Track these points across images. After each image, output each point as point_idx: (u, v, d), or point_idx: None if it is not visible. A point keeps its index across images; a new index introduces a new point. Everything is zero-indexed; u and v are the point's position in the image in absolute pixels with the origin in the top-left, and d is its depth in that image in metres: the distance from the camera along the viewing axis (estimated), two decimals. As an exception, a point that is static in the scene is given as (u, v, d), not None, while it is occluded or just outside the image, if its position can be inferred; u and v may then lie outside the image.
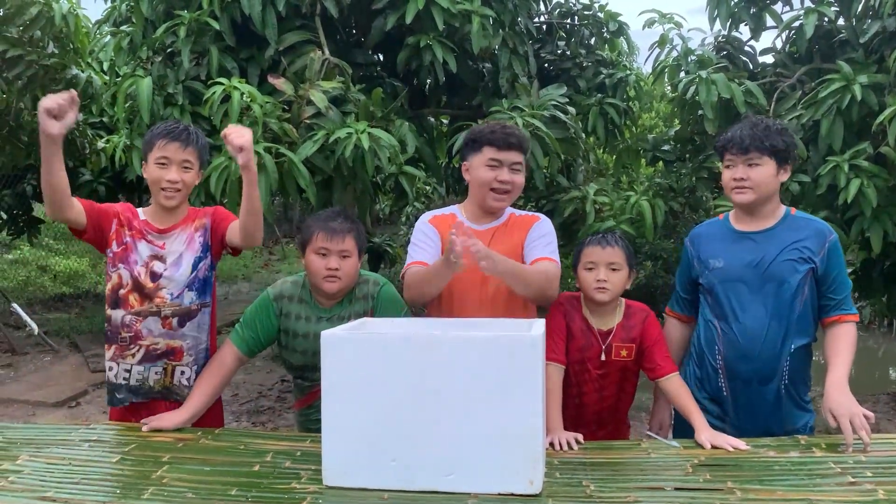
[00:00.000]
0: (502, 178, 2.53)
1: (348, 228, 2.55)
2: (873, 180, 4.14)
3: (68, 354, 7.28)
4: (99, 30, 5.51)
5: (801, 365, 2.54)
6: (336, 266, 2.51)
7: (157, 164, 2.51)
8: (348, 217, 2.63)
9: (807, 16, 4.71)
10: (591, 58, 5.58)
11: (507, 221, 2.62)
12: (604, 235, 2.63)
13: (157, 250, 2.57)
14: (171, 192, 2.52)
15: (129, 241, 2.57)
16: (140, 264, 2.56)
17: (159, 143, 2.51)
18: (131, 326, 2.56)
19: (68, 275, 11.36)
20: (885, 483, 1.88)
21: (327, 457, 1.95)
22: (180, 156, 2.51)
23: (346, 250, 2.52)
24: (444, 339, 1.91)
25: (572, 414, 2.59)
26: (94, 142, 6.46)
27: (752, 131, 2.50)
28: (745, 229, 2.57)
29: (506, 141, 2.53)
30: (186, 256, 2.58)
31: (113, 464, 2.13)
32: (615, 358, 2.57)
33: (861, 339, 9.90)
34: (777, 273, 2.47)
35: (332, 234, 2.52)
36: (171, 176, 2.50)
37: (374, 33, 4.65)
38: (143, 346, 2.58)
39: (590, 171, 6.08)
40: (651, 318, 2.61)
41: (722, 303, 2.54)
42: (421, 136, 4.82)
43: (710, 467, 2.05)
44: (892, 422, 5.54)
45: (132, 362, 2.59)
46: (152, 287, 2.55)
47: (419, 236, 2.61)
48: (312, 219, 2.65)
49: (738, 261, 2.53)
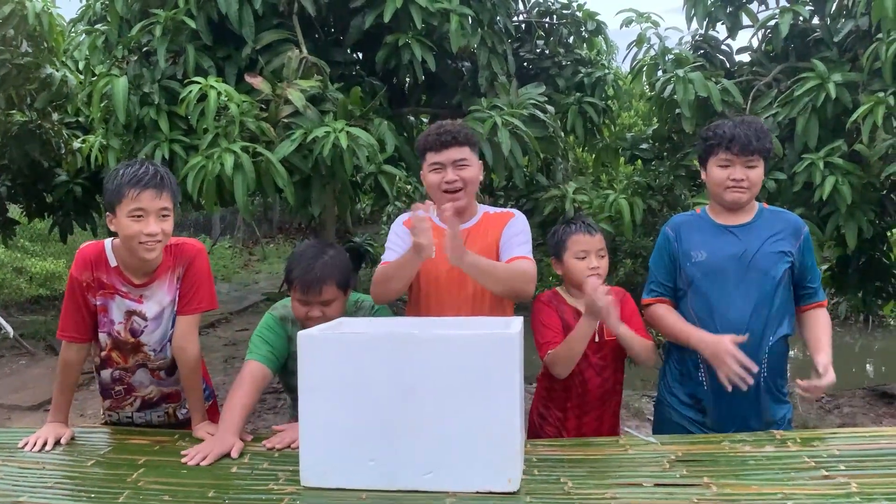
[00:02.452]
0: (448, 179, 2.49)
1: (327, 276, 2.40)
2: (848, 177, 4.19)
3: (44, 357, 7.19)
4: (73, 28, 5.44)
5: (780, 357, 2.58)
6: (319, 314, 2.41)
7: (132, 217, 2.21)
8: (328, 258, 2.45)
9: (782, 15, 4.76)
10: (570, 57, 5.59)
11: (481, 221, 2.60)
12: (584, 222, 2.66)
13: (135, 305, 2.38)
14: (152, 245, 2.25)
15: (100, 303, 2.37)
16: (117, 323, 2.39)
17: (130, 192, 2.20)
18: (122, 380, 2.49)
19: (45, 277, 11.21)
20: (858, 476, 1.91)
21: (305, 457, 1.94)
22: (157, 204, 2.22)
23: (326, 301, 2.42)
24: (422, 338, 1.91)
25: (578, 398, 2.66)
26: (69, 142, 6.39)
27: (753, 132, 2.51)
28: (726, 223, 2.60)
29: (439, 141, 2.49)
30: (167, 312, 2.42)
31: (87, 467, 2.11)
32: (607, 338, 2.62)
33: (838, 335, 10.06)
34: (761, 264, 2.51)
35: (308, 288, 2.39)
36: (151, 229, 2.22)
37: (353, 32, 4.63)
38: (139, 397, 2.53)
39: (569, 169, 6.10)
40: (627, 297, 2.69)
41: (702, 296, 2.56)
42: (401, 136, 4.80)
43: (686, 463, 2.06)
44: (867, 416, 5.61)
45: (131, 411, 2.55)
46: (134, 342, 2.43)
47: (392, 238, 2.60)
48: (293, 259, 2.50)
49: (721, 253, 2.55)
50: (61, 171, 6.79)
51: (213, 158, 3.71)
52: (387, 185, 4.32)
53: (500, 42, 4.99)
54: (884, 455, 2.05)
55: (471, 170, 2.53)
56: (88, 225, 7.29)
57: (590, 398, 2.66)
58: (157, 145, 4.09)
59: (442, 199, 2.49)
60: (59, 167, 6.75)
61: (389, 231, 2.65)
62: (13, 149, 6.35)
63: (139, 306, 2.39)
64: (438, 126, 2.55)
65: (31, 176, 6.97)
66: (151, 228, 2.22)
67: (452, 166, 2.50)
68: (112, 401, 2.53)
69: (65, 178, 6.79)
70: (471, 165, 2.53)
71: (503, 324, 2.14)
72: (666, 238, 2.70)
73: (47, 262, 11.85)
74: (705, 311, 2.55)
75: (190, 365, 2.43)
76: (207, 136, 3.84)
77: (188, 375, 2.45)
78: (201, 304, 2.43)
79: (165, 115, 4.14)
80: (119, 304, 2.38)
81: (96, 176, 6.33)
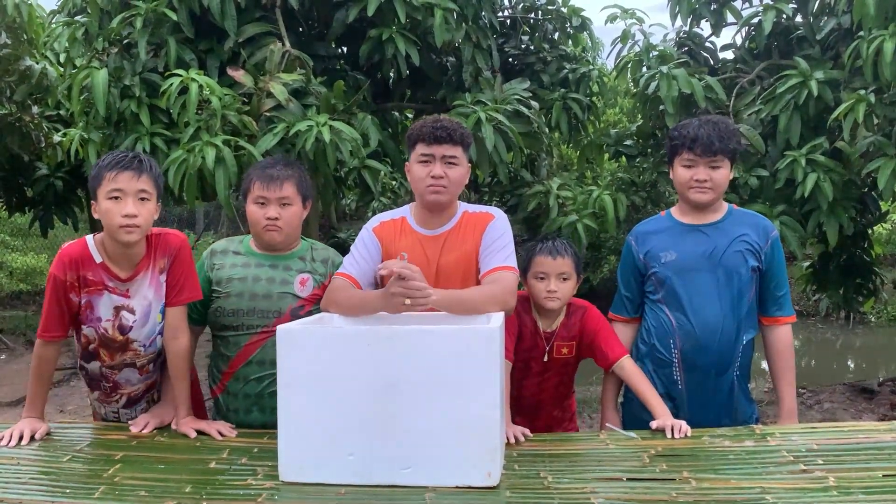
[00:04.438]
0: (434, 173, 2.39)
1: (288, 175, 2.46)
2: (829, 174, 4.22)
3: (24, 353, 7.13)
4: (53, 20, 5.37)
5: (749, 357, 2.63)
6: (275, 215, 2.43)
7: (110, 198, 2.20)
8: (289, 164, 2.54)
9: (765, 12, 4.78)
10: (555, 53, 5.58)
11: (460, 223, 2.48)
12: (553, 244, 2.60)
13: (123, 300, 2.34)
14: (131, 228, 2.21)
15: (87, 301, 2.33)
16: (105, 320, 2.35)
17: (108, 175, 2.20)
18: (108, 377, 2.46)
19: (25, 272, 11.10)
20: (836, 470, 1.92)
21: (284, 452, 1.92)
22: (135, 185, 2.21)
23: (285, 197, 2.45)
24: (402, 332, 1.90)
25: (511, 405, 2.58)
26: (49, 135, 6.30)
27: (717, 132, 2.50)
28: (694, 222, 2.60)
29: (434, 135, 2.39)
30: (154, 306, 2.39)
31: (63, 462, 2.09)
32: (556, 356, 2.63)
33: (819, 331, 10.14)
34: (729, 263, 2.52)
35: (269, 182, 2.43)
36: (128, 209, 2.19)
37: (336, 26, 4.60)
38: (125, 394, 2.50)
39: (554, 165, 6.11)
40: (589, 312, 2.65)
41: (676, 294, 2.56)
42: (385, 130, 4.79)
43: (666, 457, 2.07)
44: (847, 411, 5.67)
45: (118, 406, 2.53)
46: (122, 339, 2.39)
47: (359, 245, 2.49)
48: (252, 167, 2.56)
49: (691, 251, 2.56)
50: (42, 165, 6.71)
51: (195, 152, 3.68)
52: (371, 180, 4.31)
53: (485, 37, 4.97)
54: (861, 449, 2.07)
55: (458, 170, 2.43)
56: (69, 219, 7.21)
57: (522, 406, 2.65)
58: (138, 138, 4.05)
59: (424, 192, 2.42)
60: (39, 161, 6.66)
61: (360, 233, 2.54)
62: (-8, 140, 6.26)
63: (127, 300, 2.35)
64: (435, 119, 2.47)
65: (10, 170, 6.87)
66: (129, 209, 2.20)
67: (441, 161, 2.40)
68: (100, 393, 2.52)
69: (45, 172, 6.71)
70: (459, 165, 2.43)
71: (483, 318, 2.13)
72: (629, 248, 2.71)
73: (28, 256, 11.74)
74: (680, 309, 2.56)
75: (181, 355, 2.42)
76: (189, 130, 3.81)
77: (178, 366, 2.42)
78: (189, 295, 2.44)
79: (146, 108, 4.10)
80: (107, 300, 2.34)
81: (77, 170, 6.27)
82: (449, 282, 2.36)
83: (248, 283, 2.49)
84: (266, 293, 2.48)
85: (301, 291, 2.50)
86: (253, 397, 2.49)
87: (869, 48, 3.99)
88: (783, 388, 2.60)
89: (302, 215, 2.53)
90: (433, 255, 2.42)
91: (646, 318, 2.69)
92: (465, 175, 2.49)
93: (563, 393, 2.77)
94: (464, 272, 2.39)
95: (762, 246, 2.54)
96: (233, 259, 2.55)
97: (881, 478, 1.87)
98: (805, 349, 9.13)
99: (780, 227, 4.17)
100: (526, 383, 2.65)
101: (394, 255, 2.42)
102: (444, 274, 2.39)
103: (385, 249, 2.46)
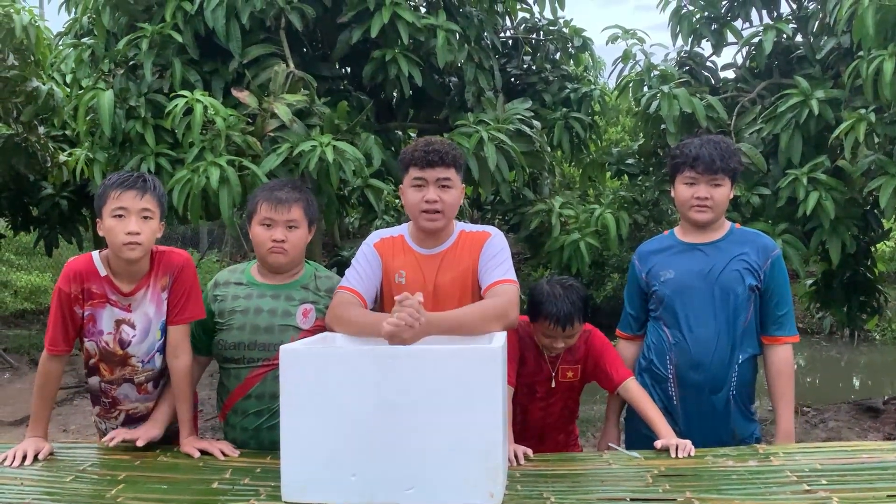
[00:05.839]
0: (429, 198, 2.37)
1: (295, 198, 2.46)
2: (831, 193, 4.23)
3: (28, 372, 7.13)
4: (60, 42, 5.43)
5: (748, 376, 2.62)
6: (282, 237, 2.42)
7: (114, 216, 2.26)
8: (296, 187, 2.54)
9: (766, 32, 4.81)
10: (557, 72, 5.62)
11: (457, 242, 2.47)
12: (567, 315, 2.49)
13: (124, 314, 2.39)
14: (133, 245, 2.27)
15: (90, 313, 2.37)
16: (106, 333, 2.39)
17: (113, 193, 2.27)
18: (108, 392, 2.49)
19: (30, 290, 11.12)
20: (840, 490, 1.91)
21: (286, 472, 1.92)
22: (138, 204, 2.27)
23: (292, 220, 2.44)
24: (404, 352, 1.91)
25: (517, 430, 2.60)
26: (55, 155, 6.35)
27: (718, 151, 2.52)
28: (694, 241, 2.62)
29: (426, 159, 2.37)
30: (155, 322, 2.42)
31: (67, 483, 2.09)
32: (562, 380, 2.63)
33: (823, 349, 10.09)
34: (726, 282, 2.54)
35: (277, 204, 2.43)
36: (131, 227, 2.25)
37: (340, 47, 4.65)
38: (124, 411, 2.51)
39: (556, 184, 6.12)
40: (592, 335, 2.66)
41: (673, 312, 2.58)
42: (388, 150, 4.81)
43: (669, 478, 2.07)
44: (852, 430, 5.63)
45: (117, 423, 2.53)
46: (121, 354, 2.42)
47: (360, 259, 2.49)
48: (258, 189, 2.56)
49: (688, 270, 2.58)
50: (47, 185, 6.76)
51: (199, 172, 3.71)
52: (374, 199, 4.33)
53: (487, 58, 5.01)
54: (865, 469, 2.06)
55: (453, 193, 2.41)
56: (74, 238, 7.24)
57: (529, 430, 2.65)
58: (143, 159, 4.08)
59: (419, 217, 2.41)
60: (44, 180, 6.71)
61: (360, 247, 2.53)
62: (-1, 162, 6.31)
63: (128, 315, 2.39)
64: (427, 142, 2.43)
65: (16, 189, 6.93)
66: (132, 227, 2.25)
67: (435, 185, 2.38)
68: (101, 408, 2.54)
69: (50, 192, 6.76)
70: (453, 188, 2.41)
71: (486, 337, 2.14)
72: (633, 267, 2.76)
73: (33, 275, 11.77)
74: (676, 327, 2.58)
75: (183, 374, 2.43)
76: (193, 150, 3.83)
77: (179, 385, 2.44)
78: (192, 313, 2.45)
79: (151, 128, 4.13)
80: (109, 314, 2.38)
81: (82, 189, 6.30)
82: (446, 301, 2.36)
83: (250, 316, 2.47)
84: (268, 326, 2.45)
85: (303, 323, 2.46)
86: (251, 431, 2.46)
87: (869, 68, 4.01)
88: (781, 408, 2.59)
89: (307, 239, 2.52)
90: (430, 274, 2.42)
91: (648, 334, 2.72)
92: (460, 196, 2.48)
93: (568, 417, 2.77)
94: (461, 291, 2.39)
95: (761, 265, 2.55)
96: (234, 290, 2.53)
97: (886, 498, 1.86)
98: (809, 367, 9.10)
99: (783, 245, 4.18)
100: (531, 408, 2.66)
101: (392, 272, 2.44)
102: (441, 293, 2.40)
103: (385, 266, 2.46)
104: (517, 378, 2.61)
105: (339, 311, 2.36)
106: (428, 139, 2.49)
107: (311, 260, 2.67)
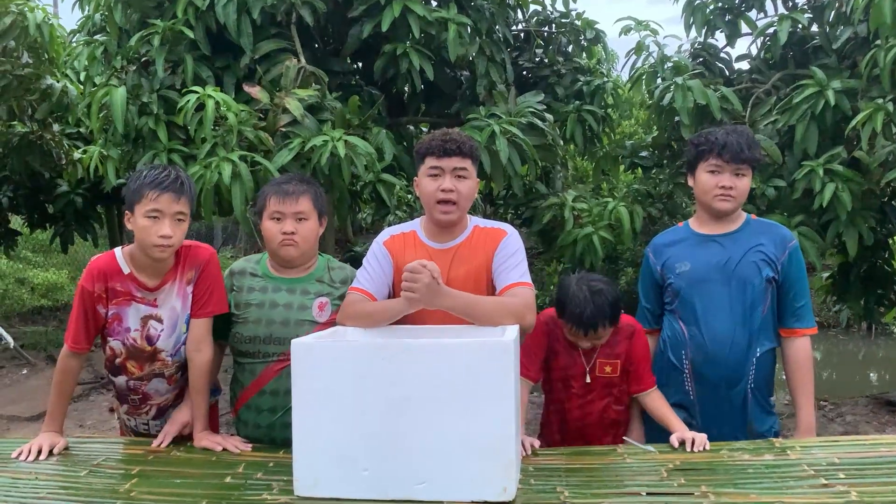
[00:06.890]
0: (444, 187, 2.37)
1: (303, 190, 2.46)
2: (848, 184, 4.18)
3: (45, 368, 7.17)
4: (74, 39, 5.46)
5: (767, 370, 2.58)
6: (292, 229, 2.42)
7: (148, 217, 2.27)
8: (304, 179, 2.55)
9: (781, 23, 4.76)
10: (569, 65, 5.58)
11: (471, 237, 2.45)
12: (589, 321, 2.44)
13: (151, 309, 2.40)
14: (164, 248, 2.29)
15: (115, 312, 2.38)
16: (133, 330, 2.40)
17: (149, 193, 2.26)
18: (137, 389, 2.49)
19: (46, 287, 11.19)
20: (858, 485, 1.89)
21: (298, 467, 1.92)
22: (174, 208, 2.28)
23: (301, 212, 2.44)
24: (416, 346, 1.90)
25: (556, 428, 2.61)
26: (70, 153, 6.39)
27: (746, 140, 2.51)
28: (710, 232, 2.59)
29: (443, 147, 2.37)
30: (181, 316, 2.43)
31: (81, 477, 2.10)
32: (599, 374, 2.56)
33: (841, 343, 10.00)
34: (742, 274, 2.50)
35: (284, 197, 2.43)
36: (165, 231, 2.27)
37: (351, 41, 4.64)
38: (155, 405, 2.53)
39: (569, 177, 6.09)
40: (638, 334, 2.61)
41: (689, 306, 2.55)
42: (399, 145, 4.79)
43: (684, 472, 2.05)
44: (870, 424, 5.57)
45: (147, 418, 2.55)
46: (150, 350, 2.43)
47: (371, 259, 2.48)
48: (267, 184, 2.57)
49: (704, 262, 2.55)
50: (62, 182, 6.81)
51: (211, 168, 3.71)
52: (385, 194, 4.32)
53: (499, 51, 4.99)
54: (884, 463, 2.03)
55: (468, 183, 2.41)
56: (89, 235, 7.29)
57: (569, 429, 2.62)
58: (156, 155, 4.08)
59: (434, 208, 2.40)
60: (60, 178, 6.77)
61: (371, 246, 2.52)
62: (14, 160, 6.36)
63: (154, 310, 2.41)
64: (444, 132, 2.45)
65: (32, 187, 6.99)
66: (166, 230, 2.27)
67: (451, 174, 2.38)
68: (129, 406, 2.55)
69: (66, 189, 6.81)
70: (469, 178, 2.41)
71: (498, 331, 2.13)
72: (647, 260, 2.73)
73: (49, 272, 11.85)
74: (692, 321, 2.55)
75: (203, 368, 2.45)
76: (205, 146, 3.84)
77: (198, 379, 2.45)
78: (215, 307, 2.46)
79: (164, 124, 4.14)
80: (135, 311, 2.39)
81: (97, 186, 6.35)
82: None
83: (266, 310, 2.47)
84: (284, 320, 2.45)
85: (319, 317, 2.47)
86: (264, 428, 2.46)
87: (886, 57, 3.95)
88: (801, 401, 2.56)
89: (318, 231, 2.52)
90: (443, 268, 2.38)
91: (663, 327, 2.69)
92: (475, 188, 2.47)
93: (614, 419, 2.62)
94: (474, 287, 2.36)
95: (779, 256, 2.51)
96: (250, 281, 2.53)
97: (905, 492, 1.83)
98: (826, 361, 9.01)
99: (799, 237, 4.12)
100: (568, 406, 2.60)
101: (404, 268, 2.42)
102: (453, 287, 2.37)
103: (396, 263, 2.45)
104: (549, 372, 2.59)
105: (351, 310, 2.37)
106: (444, 130, 2.50)
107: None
